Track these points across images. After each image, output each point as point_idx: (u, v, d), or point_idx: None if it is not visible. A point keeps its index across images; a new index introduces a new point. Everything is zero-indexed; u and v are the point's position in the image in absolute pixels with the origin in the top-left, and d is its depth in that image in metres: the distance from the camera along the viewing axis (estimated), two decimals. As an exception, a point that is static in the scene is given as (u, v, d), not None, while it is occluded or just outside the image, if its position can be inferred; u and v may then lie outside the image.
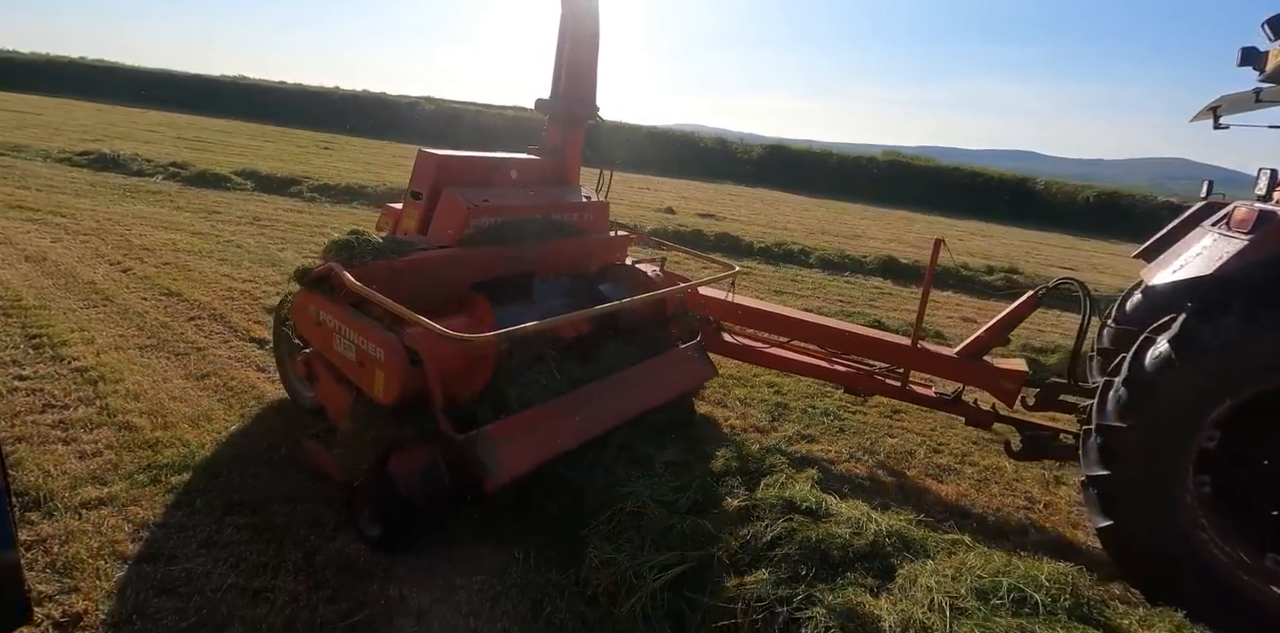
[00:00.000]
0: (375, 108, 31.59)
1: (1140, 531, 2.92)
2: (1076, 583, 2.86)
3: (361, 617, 2.57)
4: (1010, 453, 4.04)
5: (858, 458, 4.38)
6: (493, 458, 2.80)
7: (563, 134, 4.32)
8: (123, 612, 2.47)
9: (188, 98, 31.57)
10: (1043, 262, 14.35)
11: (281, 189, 12.06)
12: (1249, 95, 3.82)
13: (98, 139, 15.79)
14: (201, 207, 10.09)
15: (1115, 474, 2.92)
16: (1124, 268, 15.49)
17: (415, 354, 2.80)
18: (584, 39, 4.15)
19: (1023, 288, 10.58)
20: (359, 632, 2.52)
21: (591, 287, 4.09)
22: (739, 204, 18.37)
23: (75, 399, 3.97)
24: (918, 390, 4.33)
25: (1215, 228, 3.22)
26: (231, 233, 8.62)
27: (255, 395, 4.25)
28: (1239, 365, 2.78)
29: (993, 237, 18.34)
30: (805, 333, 4.62)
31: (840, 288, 9.72)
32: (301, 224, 9.68)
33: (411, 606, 2.66)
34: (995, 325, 4.22)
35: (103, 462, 3.37)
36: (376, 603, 2.65)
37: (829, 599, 2.36)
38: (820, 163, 28.16)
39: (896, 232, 16.53)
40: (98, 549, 2.77)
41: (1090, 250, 17.99)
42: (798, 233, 13.99)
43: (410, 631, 2.55)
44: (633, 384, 3.64)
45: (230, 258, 7.41)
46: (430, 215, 3.66)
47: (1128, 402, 2.91)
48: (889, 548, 2.69)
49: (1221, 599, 2.81)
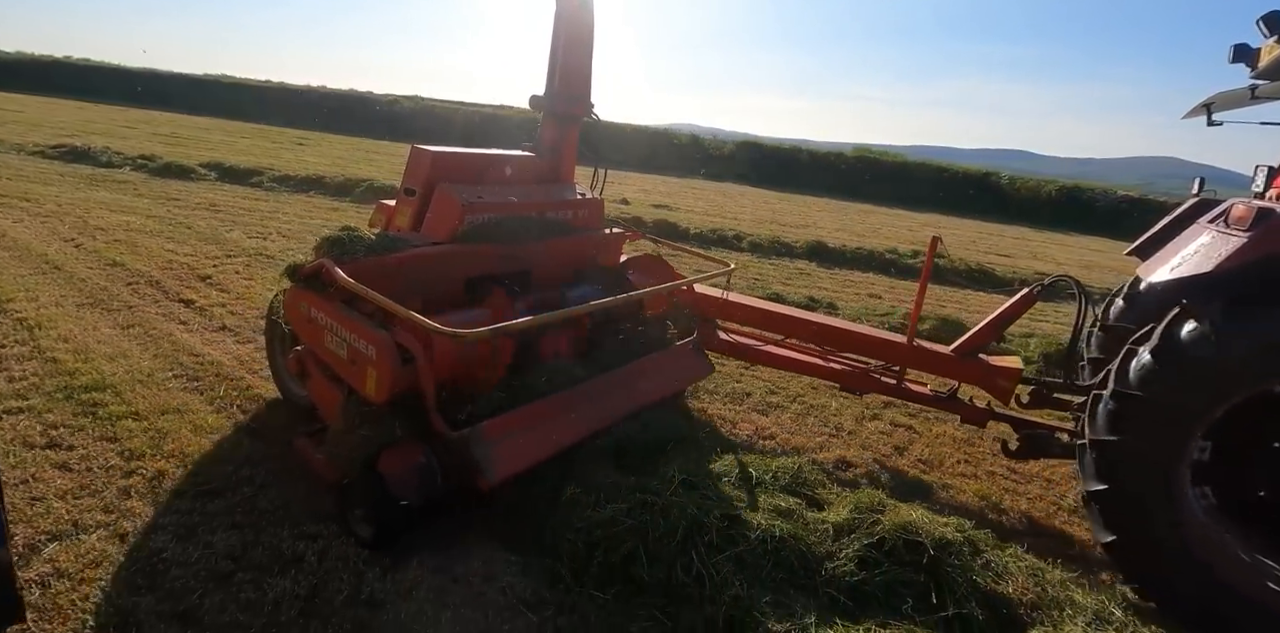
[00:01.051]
0: (357, 106, 32.19)
1: (1143, 542, 2.87)
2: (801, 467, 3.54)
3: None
4: (1007, 452, 3.99)
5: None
6: (487, 456, 2.76)
7: (558, 131, 4.32)
8: (21, 475, 3.16)
9: (171, 96, 32.13)
10: (983, 249, 15.05)
11: (243, 179, 12.71)
12: (1244, 92, 3.75)
13: (74, 134, 16.36)
14: (162, 194, 10.73)
15: (1113, 488, 2.88)
16: (1059, 254, 16.25)
17: (407, 351, 2.79)
18: (578, 36, 4.14)
19: (950, 273, 11.35)
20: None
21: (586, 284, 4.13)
22: (698, 197, 19.05)
23: (12, 341, 4.64)
24: (913, 388, 4.34)
25: (1213, 225, 3.18)
26: (185, 216, 9.27)
27: (171, 342, 4.92)
28: (1225, 372, 2.72)
29: (946, 228, 19.00)
30: (801, 331, 4.60)
31: (761, 268, 10.41)
32: (255, 210, 10.33)
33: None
34: (990, 323, 4.19)
35: (27, 384, 4.05)
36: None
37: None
38: (791, 159, 28.84)
39: (848, 223, 17.24)
40: (10, 440, 3.44)
41: (1040, 241, 18.72)
42: (746, 222, 14.65)
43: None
44: (629, 381, 3.64)
45: (177, 236, 8.07)
46: (424, 212, 3.65)
47: (1116, 414, 2.87)
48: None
49: (1233, 609, 2.78)
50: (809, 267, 11.06)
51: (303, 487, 3.27)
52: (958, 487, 4.15)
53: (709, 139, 30.88)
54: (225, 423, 3.84)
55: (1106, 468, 2.90)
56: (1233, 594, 2.78)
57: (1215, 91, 4.09)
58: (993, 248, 15.55)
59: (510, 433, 2.90)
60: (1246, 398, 2.74)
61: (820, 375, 4.59)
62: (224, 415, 3.92)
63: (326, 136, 24.99)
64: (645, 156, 26.82)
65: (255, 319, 5.45)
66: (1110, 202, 24.63)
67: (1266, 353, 2.67)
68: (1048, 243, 18.47)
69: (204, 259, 7.19)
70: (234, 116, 28.61)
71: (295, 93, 33.49)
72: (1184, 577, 2.83)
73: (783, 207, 19.29)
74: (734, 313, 4.72)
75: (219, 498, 3.15)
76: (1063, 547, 3.60)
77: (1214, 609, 2.78)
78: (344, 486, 2.94)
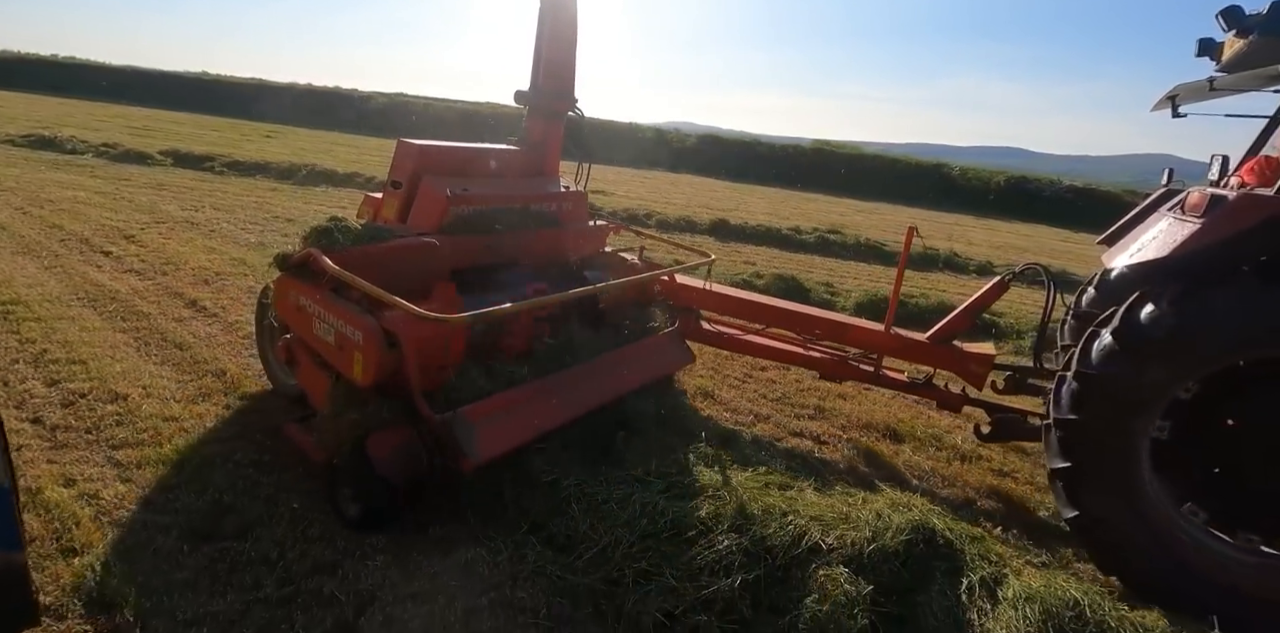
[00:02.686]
0: (337, 102, 33.26)
1: (1105, 519, 2.97)
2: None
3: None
4: (979, 435, 4.11)
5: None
6: (470, 438, 2.84)
7: (543, 126, 4.38)
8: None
9: (152, 93, 33.14)
10: (893, 229, 16.05)
11: (197, 165, 13.88)
12: (1203, 84, 3.75)
13: (47, 126, 17.44)
14: (116, 176, 11.91)
15: (1076, 466, 2.98)
16: (975, 235, 17.27)
17: (393, 337, 2.86)
18: (562, 32, 4.19)
19: (839, 246, 12.42)
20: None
21: (574, 274, 4.24)
22: (643, 184, 20.10)
23: (-51, 275, 5.82)
24: (890, 375, 4.45)
25: (1171, 212, 3.30)
26: (131, 193, 10.45)
27: (83, 277, 6.12)
28: (1184, 353, 2.82)
29: (878, 213, 19.84)
30: (781, 320, 4.71)
31: (652, 241, 11.52)
32: (197, 189, 11.52)
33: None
34: (964, 310, 4.34)
35: (-46, 302, 5.24)
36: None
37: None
38: (749, 151, 29.86)
39: (779, 208, 18.19)
40: (-66, 332, 4.61)
41: (970, 226, 19.52)
42: (675, 206, 15.60)
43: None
44: (611, 368, 3.74)
45: (118, 208, 9.26)
46: (410, 204, 3.74)
47: (1078, 394, 2.96)
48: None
49: (1193, 584, 2.85)
50: (705, 241, 12.16)
51: (143, 357, 4.47)
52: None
53: (673, 133, 31.93)
54: (105, 325, 5.04)
55: (1069, 446, 3.00)
56: (1188, 569, 2.88)
57: (1179, 83, 4.13)
58: (922, 231, 16.49)
59: (492, 416, 3.00)
60: (1203, 378, 2.87)
61: (800, 364, 4.73)
62: (107, 322, 5.12)
63: (297, 131, 26.05)
64: (613, 151, 27.80)
65: (161, 265, 6.66)
66: (1055, 191, 25.69)
67: (1220, 334, 2.79)
68: (976, 228, 19.43)
69: (134, 224, 8.37)
70: (215, 113, 29.56)
71: (276, 90, 34.57)
72: (1142, 552, 2.93)
73: (723, 193, 20.24)
74: (715, 303, 4.82)
75: (81, 365, 4.34)
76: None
77: (1171, 584, 2.86)
78: (332, 467, 3.06)
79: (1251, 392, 2.94)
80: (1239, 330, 2.78)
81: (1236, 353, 2.85)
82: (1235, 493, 2.98)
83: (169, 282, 6.22)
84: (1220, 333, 2.79)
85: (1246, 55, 3.22)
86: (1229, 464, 3.00)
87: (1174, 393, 2.88)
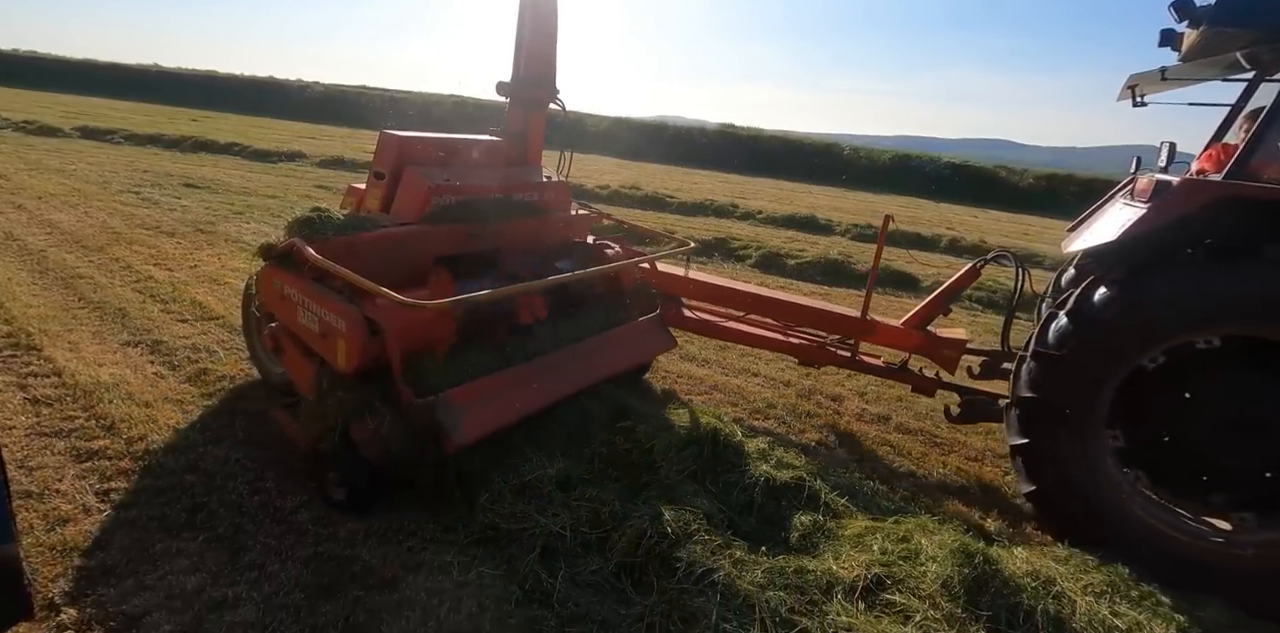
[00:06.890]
0: (272, 90, 34.58)
1: (1062, 493, 3.08)
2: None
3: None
4: (949, 417, 4.18)
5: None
6: (454, 420, 2.91)
7: (524, 116, 4.37)
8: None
9: (106, 85, 33.49)
10: (765, 199, 16.32)
11: (100, 137, 15.65)
12: (1155, 74, 3.76)
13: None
14: (22, 144, 13.62)
15: (1033, 442, 3.08)
16: (841, 204, 17.28)
17: (375, 324, 2.89)
18: (542, 23, 4.19)
19: (706, 213, 13.50)
20: None
21: (550, 262, 4.27)
22: (579, 166, 20.81)
23: None
24: (867, 360, 4.53)
25: (1123, 198, 3.42)
26: (24, 154, 12.11)
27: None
28: (1132, 333, 2.93)
29: (765, 188, 19.79)
30: (760, 307, 4.79)
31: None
32: (87, 153, 13.29)
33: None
34: (937, 296, 4.45)
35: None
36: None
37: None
38: (692, 138, 31.32)
39: (685, 184, 18.29)
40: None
41: (837, 195, 20.21)
42: (600, 181, 15.49)
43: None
44: (592, 354, 3.79)
45: (6, 162, 10.90)
46: (393, 195, 3.76)
47: (1036, 373, 3.05)
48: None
49: (1149, 555, 2.94)
50: (602, 208, 13.46)
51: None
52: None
53: (625, 120, 33.10)
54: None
55: (1027, 423, 3.11)
56: (1140, 534, 3.01)
57: (1134, 72, 4.09)
58: (785, 201, 16.76)
59: (475, 400, 3.06)
60: (1152, 354, 2.99)
61: (779, 350, 4.79)
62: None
63: (227, 116, 25.93)
64: (570, 138, 28.37)
65: (11, 192, 8.40)
66: (936, 167, 27.76)
67: (1166, 315, 2.91)
68: (855, 201, 19.36)
69: (13, 170, 10.13)
70: (164, 102, 29.25)
71: (218, 80, 35.89)
72: (1096, 521, 3.04)
73: (655, 174, 20.19)
74: (695, 290, 4.89)
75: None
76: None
77: (1125, 550, 2.94)
78: (318, 452, 3.11)
79: (1209, 368, 3.04)
80: (1183, 312, 2.90)
81: (1183, 333, 2.96)
82: (1182, 460, 3.10)
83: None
84: (1166, 314, 2.92)
85: (1199, 46, 3.26)
86: (1181, 434, 3.09)
87: (1126, 368, 3.01)
